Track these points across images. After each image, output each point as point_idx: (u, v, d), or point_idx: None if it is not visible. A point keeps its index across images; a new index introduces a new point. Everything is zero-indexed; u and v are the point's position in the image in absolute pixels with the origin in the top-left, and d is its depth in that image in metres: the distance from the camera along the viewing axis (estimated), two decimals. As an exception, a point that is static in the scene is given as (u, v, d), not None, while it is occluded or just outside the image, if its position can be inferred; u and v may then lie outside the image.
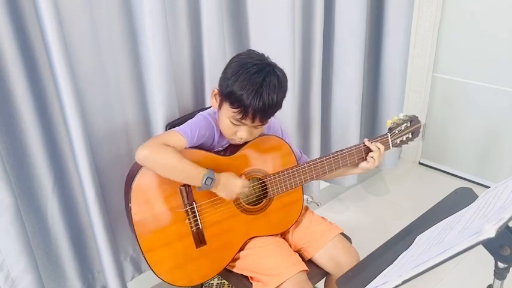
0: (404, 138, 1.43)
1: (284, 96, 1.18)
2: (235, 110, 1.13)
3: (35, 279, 1.19)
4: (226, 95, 1.14)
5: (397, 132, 1.40)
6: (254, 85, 1.10)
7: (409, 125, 1.42)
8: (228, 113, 1.16)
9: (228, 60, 1.20)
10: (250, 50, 1.21)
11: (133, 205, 1.14)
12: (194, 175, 1.13)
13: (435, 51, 2.55)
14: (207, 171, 1.14)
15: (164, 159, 1.11)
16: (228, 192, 1.18)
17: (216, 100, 1.22)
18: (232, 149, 1.27)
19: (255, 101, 1.10)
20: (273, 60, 1.20)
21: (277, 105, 1.16)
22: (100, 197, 1.30)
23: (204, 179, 1.12)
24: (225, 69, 1.18)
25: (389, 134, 1.39)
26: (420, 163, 2.86)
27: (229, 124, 1.18)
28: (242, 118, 1.14)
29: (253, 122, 1.16)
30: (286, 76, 1.19)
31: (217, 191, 1.18)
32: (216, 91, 1.21)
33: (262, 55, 1.19)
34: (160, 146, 1.11)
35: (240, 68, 1.13)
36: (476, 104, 2.46)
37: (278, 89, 1.14)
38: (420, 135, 1.50)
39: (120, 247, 1.53)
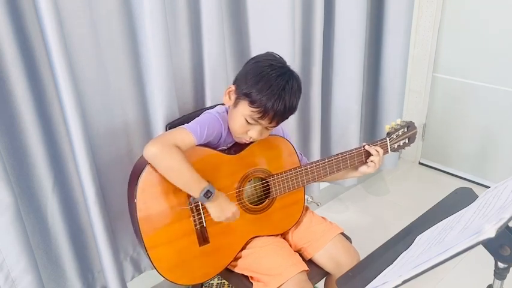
0: (402, 143, 1.46)
1: (299, 98, 1.20)
2: (254, 109, 1.14)
3: (35, 279, 1.19)
4: (246, 94, 1.15)
5: (395, 137, 1.42)
6: (277, 88, 1.12)
7: (406, 130, 1.45)
8: (245, 111, 1.16)
9: (227, 60, 1.20)
10: (269, 52, 1.23)
11: (139, 201, 1.14)
12: (194, 185, 1.13)
13: (435, 51, 2.55)
14: (208, 186, 1.13)
15: (171, 162, 1.11)
16: (220, 212, 1.17)
17: (230, 98, 1.22)
18: (237, 147, 1.27)
19: (277, 103, 1.12)
20: None
21: (295, 109, 1.19)
22: (100, 197, 1.30)
23: (203, 192, 1.12)
24: (245, 70, 1.19)
25: (387, 139, 1.41)
26: (420, 163, 2.86)
27: (243, 122, 1.18)
28: (260, 118, 1.15)
29: (270, 123, 1.17)
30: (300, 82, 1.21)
31: (210, 207, 1.17)
32: (233, 88, 1.21)
33: (281, 58, 1.21)
34: (170, 147, 1.10)
35: (263, 69, 1.14)
36: (476, 104, 2.46)
37: (298, 93, 1.17)
38: (419, 136, 1.51)
39: (120, 247, 1.53)
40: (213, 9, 1.39)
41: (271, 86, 1.12)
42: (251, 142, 1.25)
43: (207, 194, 1.13)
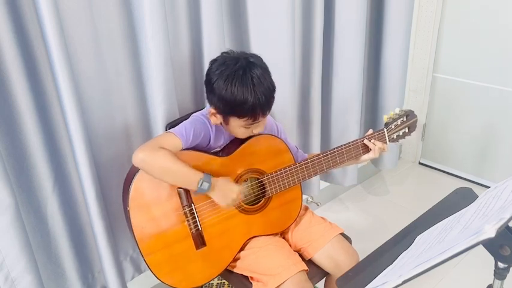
0: (401, 133, 1.43)
1: (270, 74, 1.18)
2: (245, 119, 1.16)
3: (35, 279, 1.19)
4: (230, 112, 1.16)
5: (393, 127, 1.40)
6: (249, 89, 1.11)
7: (405, 119, 1.42)
8: (239, 123, 1.18)
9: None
10: (214, 60, 1.18)
11: (132, 209, 1.14)
12: (190, 178, 1.13)
13: (435, 51, 2.55)
14: (203, 175, 1.13)
15: (160, 162, 1.11)
16: (224, 197, 1.17)
17: (216, 117, 1.21)
18: (229, 149, 1.27)
19: (257, 100, 1.12)
20: (271, 59, 1.21)
21: (274, 88, 1.18)
22: (100, 197, 1.30)
23: (200, 183, 1.12)
24: (212, 89, 1.15)
25: (385, 129, 1.39)
26: (420, 163, 2.86)
27: (244, 130, 1.20)
28: (254, 120, 1.17)
29: (264, 115, 1.18)
30: (259, 56, 1.19)
31: (212, 196, 1.17)
32: (213, 111, 1.20)
33: (229, 53, 1.17)
34: (156, 149, 1.11)
35: (227, 83, 1.11)
36: (476, 104, 2.46)
37: (265, 74, 1.15)
38: (420, 134, 1.50)
39: (120, 247, 1.53)
40: (213, 10, 1.39)
41: (243, 93, 1.10)
42: (244, 141, 1.27)
43: (204, 185, 1.13)
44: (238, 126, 1.19)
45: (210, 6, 1.38)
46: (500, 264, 0.78)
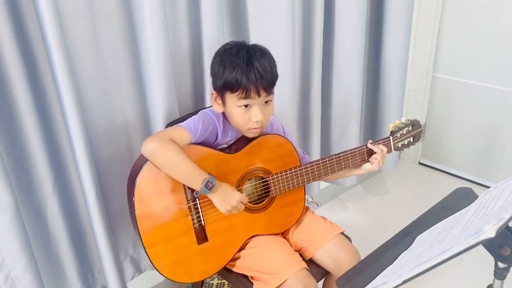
0: (406, 142, 1.44)
1: (275, 64, 1.20)
2: (237, 93, 1.15)
3: (35, 279, 1.19)
4: (224, 87, 1.16)
5: (398, 135, 1.40)
6: (241, 60, 1.13)
7: (410, 129, 1.43)
8: (234, 101, 1.17)
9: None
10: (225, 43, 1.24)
11: (137, 200, 1.14)
12: (195, 177, 1.13)
13: (435, 51, 2.55)
14: (209, 176, 1.14)
15: (168, 156, 1.11)
16: (224, 202, 1.17)
17: (217, 102, 1.22)
18: (237, 146, 1.27)
19: (250, 73, 1.12)
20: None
21: (273, 71, 1.18)
22: (100, 197, 1.30)
23: (205, 183, 1.12)
24: (211, 68, 1.22)
25: (391, 137, 1.39)
26: (420, 163, 2.86)
27: (241, 112, 1.18)
28: (247, 96, 1.15)
29: (259, 95, 1.16)
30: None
31: (213, 199, 1.17)
32: (214, 93, 1.22)
33: (237, 41, 1.22)
34: (167, 142, 1.11)
35: (222, 56, 1.17)
36: (476, 104, 2.46)
37: (265, 55, 1.18)
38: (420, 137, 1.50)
39: (120, 247, 1.53)
40: (213, 10, 1.39)
41: (236, 64, 1.13)
42: (252, 139, 1.25)
43: (208, 185, 1.13)
44: (234, 106, 1.18)
45: (210, 6, 1.39)
46: (500, 264, 0.78)
